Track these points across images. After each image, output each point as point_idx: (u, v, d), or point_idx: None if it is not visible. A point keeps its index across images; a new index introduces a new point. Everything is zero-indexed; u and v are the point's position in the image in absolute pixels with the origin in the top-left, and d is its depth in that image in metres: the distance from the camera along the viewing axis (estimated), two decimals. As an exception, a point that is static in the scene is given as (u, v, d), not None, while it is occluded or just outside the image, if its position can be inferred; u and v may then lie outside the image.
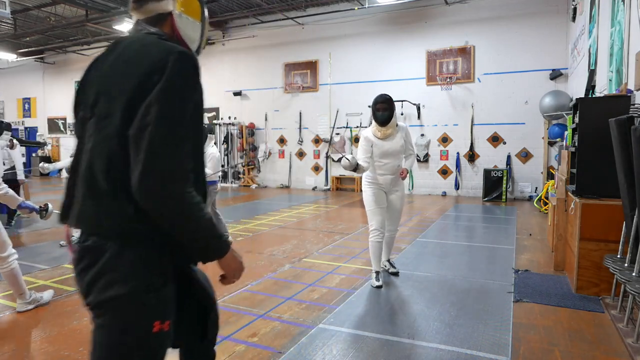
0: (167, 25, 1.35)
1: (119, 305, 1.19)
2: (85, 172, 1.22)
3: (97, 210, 1.20)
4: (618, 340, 2.85)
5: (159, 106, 1.13)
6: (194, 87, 1.22)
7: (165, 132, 1.13)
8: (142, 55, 1.21)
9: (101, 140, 1.20)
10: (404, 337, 2.93)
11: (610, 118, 3.11)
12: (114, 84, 1.22)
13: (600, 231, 3.58)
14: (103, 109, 1.22)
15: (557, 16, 9.88)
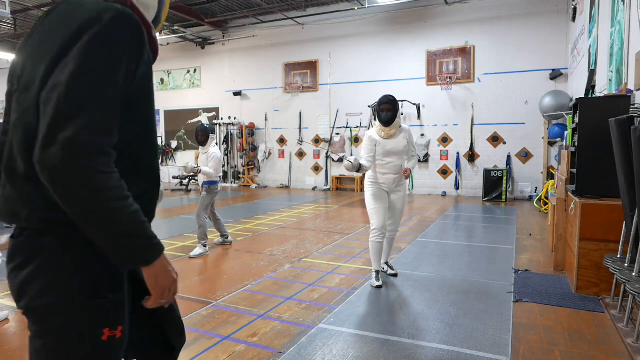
0: None
1: (59, 312, 1.01)
2: (7, 155, 1.04)
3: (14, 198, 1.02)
4: (618, 340, 2.85)
5: (76, 63, 0.94)
6: (131, 49, 1.01)
7: (75, 93, 0.92)
8: (73, 14, 1.02)
9: (21, 114, 1.01)
10: (404, 337, 2.93)
11: (610, 118, 3.11)
12: (39, 48, 1.03)
13: (600, 231, 3.58)
14: (27, 77, 1.02)
15: (557, 16, 9.89)
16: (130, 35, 1.01)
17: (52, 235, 1.01)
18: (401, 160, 3.99)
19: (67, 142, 0.89)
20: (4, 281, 4.16)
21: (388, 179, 3.97)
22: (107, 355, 1.07)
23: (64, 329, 1.02)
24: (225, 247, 5.55)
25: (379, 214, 3.92)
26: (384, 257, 4.26)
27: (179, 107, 15.04)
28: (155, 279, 1.04)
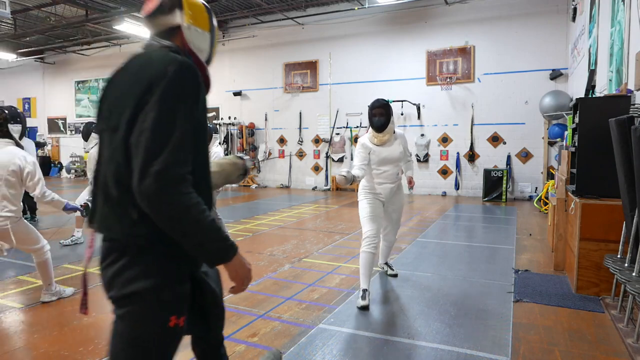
0: (178, 38, 1.39)
1: (138, 300, 1.26)
2: (102, 181, 1.33)
3: (109, 216, 1.30)
4: (618, 340, 2.85)
5: (154, 113, 1.18)
6: (192, 95, 1.25)
7: (159, 137, 1.17)
8: (145, 68, 1.27)
9: (112, 151, 1.28)
10: (404, 337, 2.93)
11: (610, 118, 3.11)
12: (121, 98, 1.28)
13: (600, 231, 3.58)
14: (113, 122, 1.28)
15: (557, 16, 9.88)
16: (190, 83, 1.26)
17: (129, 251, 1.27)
18: (397, 168, 3.76)
19: (157, 174, 1.14)
20: (3, 281, 4.16)
21: (385, 188, 3.72)
22: (171, 339, 1.32)
23: (140, 314, 1.28)
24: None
25: (373, 222, 3.63)
26: (382, 258, 4.24)
27: (179, 107, 15.04)
28: (235, 271, 1.33)
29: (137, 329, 1.28)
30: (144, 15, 1.41)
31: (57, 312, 3.41)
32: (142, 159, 1.16)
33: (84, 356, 2.67)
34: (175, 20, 1.38)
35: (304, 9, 11.94)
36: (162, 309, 1.28)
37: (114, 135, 1.26)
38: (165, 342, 1.32)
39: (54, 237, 6.05)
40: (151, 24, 1.41)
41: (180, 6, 1.38)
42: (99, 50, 15.90)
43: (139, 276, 1.26)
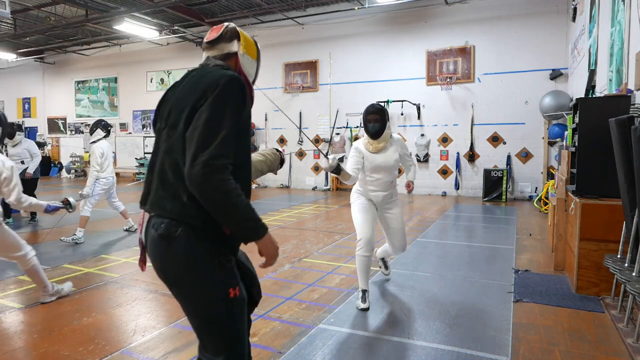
0: (232, 62, 1.73)
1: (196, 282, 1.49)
2: (159, 169, 1.57)
3: (164, 198, 1.53)
4: (618, 340, 2.85)
5: (207, 113, 1.45)
6: (239, 103, 1.52)
7: (209, 132, 1.42)
8: (203, 79, 1.55)
9: (171, 144, 1.53)
10: (404, 337, 2.93)
11: (610, 118, 3.11)
12: (181, 101, 1.56)
13: (600, 231, 3.58)
14: (173, 120, 1.55)
15: (557, 16, 9.88)
16: (237, 93, 1.51)
17: (184, 224, 1.48)
18: (391, 176, 3.59)
19: (204, 163, 1.38)
20: (4, 281, 4.16)
21: (377, 196, 3.61)
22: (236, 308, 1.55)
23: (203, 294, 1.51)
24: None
25: (365, 225, 3.50)
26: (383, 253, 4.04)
27: (179, 107, 15.04)
28: (266, 248, 1.58)
29: (204, 308, 1.53)
30: (207, 40, 1.73)
31: (57, 312, 3.41)
32: (194, 150, 1.41)
33: (84, 356, 2.67)
34: (233, 48, 1.73)
35: (304, 9, 11.93)
36: (222, 285, 1.52)
37: (173, 131, 1.53)
38: (231, 311, 1.54)
39: (54, 237, 6.05)
40: (212, 48, 1.73)
41: (238, 38, 1.75)
42: (99, 50, 15.90)
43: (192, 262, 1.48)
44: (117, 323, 3.20)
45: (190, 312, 1.56)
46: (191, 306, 1.55)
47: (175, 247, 1.48)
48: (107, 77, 16.68)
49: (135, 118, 16.10)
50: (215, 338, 1.55)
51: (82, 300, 3.67)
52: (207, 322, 1.54)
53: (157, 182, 1.57)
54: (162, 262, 1.53)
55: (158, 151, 1.60)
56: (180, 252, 1.48)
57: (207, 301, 1.51)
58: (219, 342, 1.54)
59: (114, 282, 4.14)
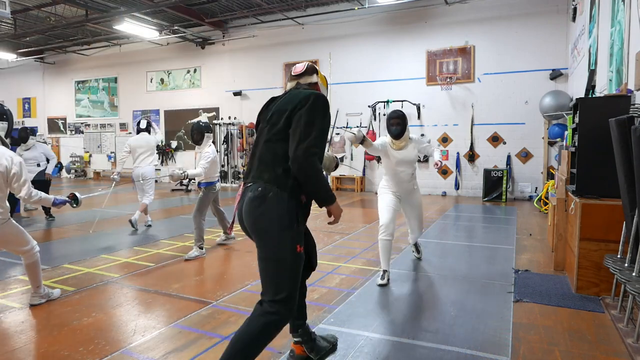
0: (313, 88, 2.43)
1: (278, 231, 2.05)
2: (260, 154, 2.20)
3: (262, 171, 2.13)
4: (618, 340, 2.85)
5: (305, 117, 2.08)
6: (324, 111, 2.15)
7: (307, 130, 2.06)
8: (299, 95, 2.20)
9: (272, 135, 2.16)
10: (404, 337, 2.93)
11: (610, 118, 3.11)
12: (282, 107, 2.20)
13: (600, 231, 3.58)
14: (275, 120, 2.19)
15: (557, 16, 9.88)
16: (324, 105, 2.17)
17: (273, 191, 2.07)
18: (412, 168, 4.25)
19: (304, 148, 2.02)
20: (3, 281, 4.16)
21: (401, 187, 4.23)
22: (299, 261, 2.13)
23: (280, 242, 2.07)
24: (226, 247, 5.55)
25: (386, 213, 4.08)
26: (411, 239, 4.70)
27: (179, 107, 15.04)
28: (336, 210, 2.21)
29: (279, 253, 2.07)
30: (294, 74, 2.49)
31: (57, 312, 3.41)
32: (297, 140, 2.04)
33: (84, 356, 2.67)
34: (313, 79, 2.47)
35: (304, 9, 11.93)
36: (293, 240, 2.08)
37: (274, 127, 2.16)
38: (296, 262, 2.11)
39: (54, 237, 6.05)
40: (299, 79, 2.46)
41: (316, 73, 2.50)
42: (99, 50, 15.90)
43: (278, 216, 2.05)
44: (117, 323, 3.20)
45: (266, 257, 2.10)
46: (269, 251, 2.08)
47: (268, 204, 2.05)
48: (107, 77, 16.68)
49: (135, 118, 16.09)
50: (281, 279, 2.07)
51: (82, 300, 3.66)
52: (278, 265, 2.07)
53: (257, 162, 2.18)
54: (254, 215, 2.07)
55: (259, 142, 2.24)
56: (270, 208, 2.04)
57: (282, 249, 2.05)
58: (283, 283, 2.06)
59: (114, 282, 4.14)
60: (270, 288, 2.10)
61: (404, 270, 4.44)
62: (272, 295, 2.07)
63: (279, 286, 2.07)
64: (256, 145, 2.27)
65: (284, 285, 2.07)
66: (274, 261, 2.08)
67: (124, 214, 6.92)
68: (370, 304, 3.53)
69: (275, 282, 2.08)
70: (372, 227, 6.87)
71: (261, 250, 2.12)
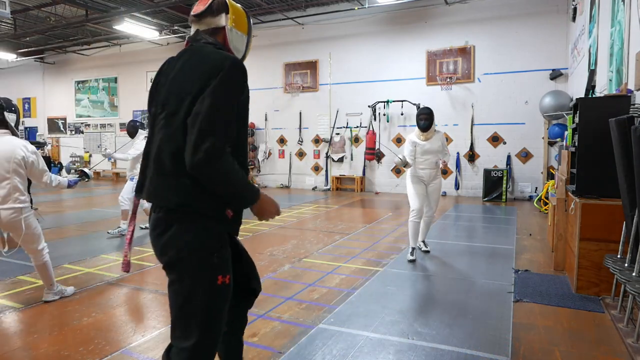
0: (220, 37, 1.67)
1: (189, 264, 1.53)
2: (155, 157, 1.56)
3: (163, 187, 1.54)
4: (618, 340, 2.85)
5: (210, 99, 1.45)
6: (240, 88, 1.54)
7: (211, 118, 1.44)
8: (204, 62, 1.54)
9: (171, 131, 1.52)
10: (404, 337, 2.93)
11: (610, 118, 3.11)
12: (181, 86, 1.54)
13: (600, 231, 3.58)
14: (172, 106, 1.54)
15: (557, 16, 9.88)
16: (240, 76, 1.53)
17: (181, 212, 1.52)
18: (436, 157, 4.91)
19: (206, 150, 1.41)
20: (3, 281, 4.16)
21: (426, 173, 4.90)
22: (221, 295, 1.59)
23: (193, 275, 1.54)
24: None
25: (416, 198, 4.87)
26: (421, 235, 5.11)
27: (179, 107, 15.03)
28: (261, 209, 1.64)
29: (191, 288, 1.55)
30: (193, 14, 1.66)
31: (57, 312, 3.41)
32: (195, 137, 1.42)
33: (84, 356, 2.67)
34: (220, 22, 1.65)
35: (304, 9, 11.93)
36: (211, 271, 1.55)
37: (173, 118, 1.53)
38: (216, 297, 1.58)
39: (54, 237, 6.06)
40: (198, 22, 1.67)
41: (226, 11, 1.66)
42: (99, 50, 15.90)
43: (187, 243, 1.52)
44: (117, 323, 3.20)
45: (177, 292, 1.58)
46: (179, 288, 1.57)
47: (171, 235, 1.53)
48: (107, 77, 16.68)
49: (135, 118, 16.10)
50: (192, 320, 1.56)
51: (82, 300, 3.66)
52: (187, 302, 1.56)
53: (153, 170, 1.57)
54: (160, 245, 1.57)
55: (154, 139, 1.59)
56: (175, 239, 1.53)
57: (194, 283, 1.54)
58: (192, 326, 1.56)
59: (114, 282, 4.14)
60: (177, 330, 1.60)
61: (404, 270, 4.44)
62: (180, 340, 1.59)
63: (188, 330, 1.56)
64: (150, 142, 1.62)
65: (193, 329, 1.55)
66: (182, 297, 1.56)
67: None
68: (370, 304, 3.53)
69: (183, 324, 1.58)
70: (372, 227, 6.87)
71: (170, 281, 1.60)
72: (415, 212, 4.86)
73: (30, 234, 3.41)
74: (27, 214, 3.36)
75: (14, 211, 3.27)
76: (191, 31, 1.70)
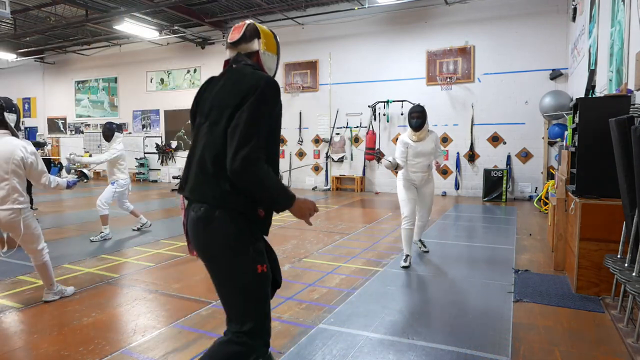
0: (255, 58, 1.89)
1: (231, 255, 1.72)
2: (198, 159, 1.76)
3: (204, 185, 1.73)
4: (618, 340, 2.85)
5: (248, 113, 1.65)
6: (274, 104, 1.73)
7: (248, 131, 1.63)
8: (243, 81, 1.74)
9: (213, 138, 1.72)
10: (404, 337, 2.93)
11: (610, 118, 3.11)
12: (223, 100, 1.75)
13: (600, 231, 3.58)
14: (215, 117, 1.75)
15: (557, 16, 9.88)
16: (274, 94, 1.73)
17: (221, 209, 1.71)
18: (429, 160, 4.67)
19: (243, 158, 1.61)
20: (3, 281, 4.16)
21: (418, 176, 4.66)
22: (263, 282, 1.76)
23: (238, 269, 1.73)
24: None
25: (408, 204, 4.60)
26: (416, 236, 5.00)
27: (179, 107, 15.02)
28: (300, 211, 1.78)
29: (235, 278, 1.73)
30: (230, 41, 1.89)
31: (57, 312, 3.41)
32: (235, 146, 1.62)
33: (84, 356, 2.67)
34: (254, 47, 1.89)
35: (304, 9, 11.93)
36: (250, 261, 1.72)
37: (215, 127, 1.73)
38: (259, 284, 1.75)
39: (54, 237, 6.05)
40: (235, 48, 1.89)
41: (258, 36, 1.89)
42: (99, 50, 15.90)
43: (228, 237, 1.70)
44: (117, 323, 3.20)
45: (223, 284, 1.76)
46: (224, 278, 1.75)
47: (213, 228, 1.70)
48: (107, 77, 16.68)
49: (135, 118, 16.10)
50: (243, 307, 1.74)
51: (82, 300, 3.66)
52: (238, 292, 1.73)
53: (195, 171, 1.77)
54: (201, 240, 1.75)
55: (197, 144, 1.80)
56: (218, 232, 1.70)
57: (240, 275, 1.72)
58: (246, 311, 1.73)
59: (114, 282, 4.14)
60: (234, 318, 1.75)
61: (404, 270, 4.44)
62: (238, 327, 1.72)
63: (245, 316, 1.73)
64: (194, 147, 1.82)
65: (249, 314, 1.73)
66: (233, 289, 1.75)
67: (124, 213, 6.92)
68: (370, 304, 3.53)
69: (239, 312, 1.74)
70: (372, 227, 6.87)
71: (215, 277, 1.79)
72: (407, 218, 4.59)
73: (29, 234, 3.41)
74: (26, 214, 3.36)
75: (12, 212, 3.28)
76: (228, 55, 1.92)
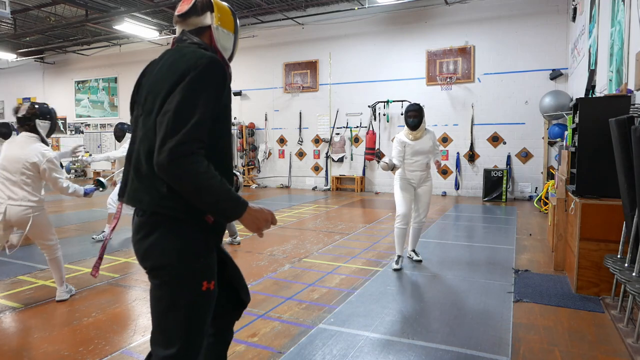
0: (206, 36, 1.60)
1: (172, 269, 1.45)
2: (134, 159, 1.50)
3: (139, 189, 1.47)
4: (618, 340, 2.85)
5: (180, 96, 1.37)
6: (218, 87, 1.43)
7: (179, 116, 1.34)
8: (180, 61, 1.46)
9: (145, 131, 1.46)
10: (404, 337, 2.93)
11: (610, 118, 3.11)
12: (157, 85, 1.47)
13: (600, 231, 3.58)
14: (149, 106, 1.48)
15: (557, 16, 9.88)
16: (218, 75, 1.43)
17: (163, 216, 1.44)
18: (427, 158, 4.56)
19: (170, 150, 1.31)
20: (3, 281, 4.16)
21: (415, 175, 4.52)
22: (206, 301, 1.51)
23: (176, 281, 1.46)
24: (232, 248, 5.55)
25: (403, 203, 4.47)
26: (410, 245, 4.79)
27: (179, 107, 15.02)
28: (252, 222, 1.47)
29: (174, 294, 1.47)
30: (177, 14, 1.60)
31: (57, 312, 3.41)
32: (162, 136, 1.34)
33: (84, 356, 2.67)
34: (205, 21, 1.59)
35: (304, 9, 11.93)
36: (195, 277, 1.47)
37: (149, 117, 1.46)
38: (200, 304, 1.50)
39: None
40: (183, 22, 1.60)
41: (211, 9, 1.59)
42: (99, 50, 15.90)
43: (173, 248, 1.44)
44: (117, 323, 3.20)
45: (157, 298, 1.50)
46: (162, 291, 1.48)
47: (157, 234, 1.45)
48: (107, 77, 16.67)
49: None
50: (171, 327, 1.48)
51: (82, 300, 3.66)
52: (170, 309, 1.47)
53: (132, 174, 1.50)
54: (139, 252, 1.51)
55: (135, 140, 1.52)
56: (164, 238, 1.44)
57: (179, 289, 1.46)
58: (174, 333, 1.47)
59: (114, 282, 4.14)
60: (159, 338, 1.50)
61: (403, 271, 4.44)
62: (162, 349, 1.48)
63: (170, 337, 1.48)
64: (132, 143, 1.55)
65: (175, 337, 1.47)
66: (165, 303, 1.48)
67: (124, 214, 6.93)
68: (370, 304, 3.53)
69: (165, 331, 1.49)
70: (372, 227, 6.87)
71: (153, 287, 1.52)
72: (400, 217, 4.46)
73: (42, 231, 3.51)
74: (37, 212, 3.45)
75: (23, 209, 3.38)
76: (177, 32, 1.63)
